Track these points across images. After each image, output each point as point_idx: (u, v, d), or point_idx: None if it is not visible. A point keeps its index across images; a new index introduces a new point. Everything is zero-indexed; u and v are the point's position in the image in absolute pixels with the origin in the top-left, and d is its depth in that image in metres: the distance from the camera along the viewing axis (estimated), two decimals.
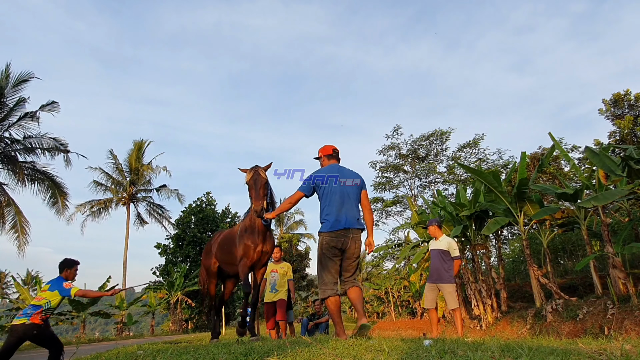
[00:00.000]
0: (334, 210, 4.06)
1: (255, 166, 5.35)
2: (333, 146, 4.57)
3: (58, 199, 19.54)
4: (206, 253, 6.90)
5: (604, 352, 2.60)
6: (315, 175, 4.29)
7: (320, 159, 4.59)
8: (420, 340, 3.84)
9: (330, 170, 4.32)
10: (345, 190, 4.17)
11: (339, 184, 4.17)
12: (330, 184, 4.17)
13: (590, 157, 9.81)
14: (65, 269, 5.16)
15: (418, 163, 26.79)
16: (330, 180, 4.18)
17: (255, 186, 5.13)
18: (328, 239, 4.04)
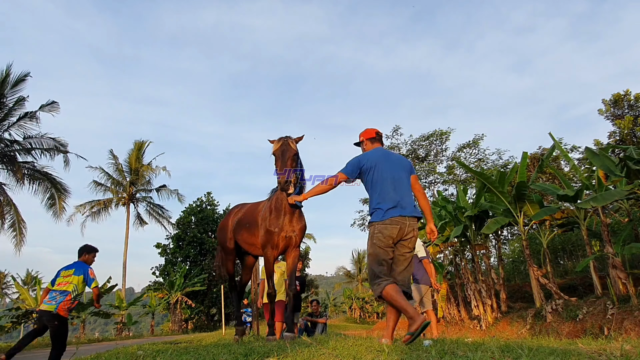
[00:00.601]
0: (387, 197, 3.63)
1: (286, 136, 4.85)
2: (376, 129, 4.15)
3: (56, 200, 19.52)
4: (221, 229, 6.38)
5: (603, 352, 2.60)
6: (362, 159, 3.84)
7: (361, 143, 4.16)
8: (420, 341, 3.85)
9: (377, 155, 3.86)
10: (396, 175, 3.73)
11: (389, 168, 3.74)
12: (379, 169, 3.73)
13: (590, 157, 9.82)
14: (84, 254, 5.46)
15: (418, 163, 26.78)
16: (379, 165, 3.75)
17: (283, 157, 4.62)
18: (381, 227, 3.57)
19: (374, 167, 3.73)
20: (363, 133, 4.15)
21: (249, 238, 5.55)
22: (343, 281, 61.93)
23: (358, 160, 3.84)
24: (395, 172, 3.73)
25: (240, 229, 5.77)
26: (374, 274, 3.54)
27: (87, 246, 5.56)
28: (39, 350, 12.36)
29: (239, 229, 5.83)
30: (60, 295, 5.09)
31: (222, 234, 6.27)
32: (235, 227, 5.92)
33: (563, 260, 17.10)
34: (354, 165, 3.81)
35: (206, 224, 32.99)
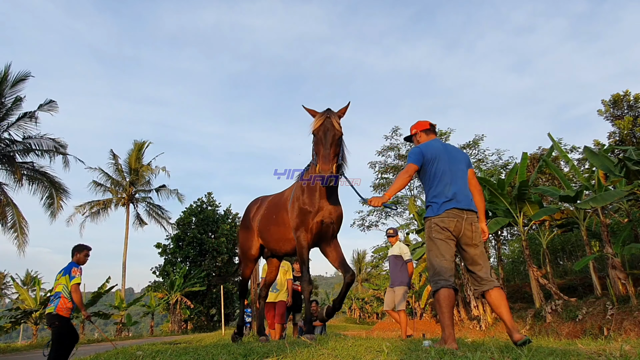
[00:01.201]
0: (444, 191, 3.44)
1: (328, 110, 4.03)
2: (429, 121, 3.89)
3: (54, 199, 19.50)
4: (244, 228, 5.47)
5: (603, 353, 2.60)
6: (424, 149, 3.60)
7: (415, 136, 3.90)
8: (420, 341, 3.84)
9: (437, 146, 3.64)
10: (454, 167, 3.53)
11: (448, 161, 3.54)
12: (439, 161, 3.52)
13: (589, 157, 9.83)
14: (75, 253, 5.48)
15: None
16: (440, 157, 3.54)
17: (325, 139, 3.84)
18: (437, 220, 3.39)
19: (435, 159, 3.52)
20: (416, 125, 3.91)
21: (278, 231, 4.75)
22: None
23: (420, 150, 3.60)
24: (454, 165, 3.54)
25: (267, 225, 4.95)
26: (434, 270, 3.36)
27: (77, 245, 5.57)
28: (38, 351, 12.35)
29: (265, 225, 5.01)
30: (55, 297, 5.19)
31: (245, 233, 5.40)
32: (260, 225, 5.10)
33: (563, 260, 17.10)
34: (418, 155, 3.56)
35: (206, 224, 32.98)
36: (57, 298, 5.17)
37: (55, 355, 5.06)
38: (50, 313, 5.13)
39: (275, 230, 4.79)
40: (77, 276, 5.24)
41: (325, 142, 3.82)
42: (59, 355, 5.09)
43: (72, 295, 5.20)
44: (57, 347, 5.12)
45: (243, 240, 5.40)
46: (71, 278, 5.24)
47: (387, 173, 27.45)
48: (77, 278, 5.23)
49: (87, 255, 5.57)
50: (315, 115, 4.01)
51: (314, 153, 3.98)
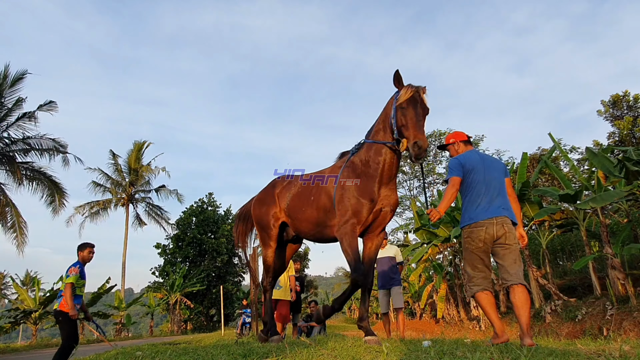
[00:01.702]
0: (477, 201, 3.60)
1: (416, 87, 3.64)
2: (466, 132, 4.05)
3: (55, 197, 19.50)
4: (262, 202, 4.97)
5: (602, 353, 2.60)
6: (463, 160, 3.71)
7: (452, 145, 4.00)
8: (419, 341, 3.84)
9: (475, 157, 3.76)
10: (489, 177, 3.65)
11: (484, 171, 3.66)
12: (476, 172, 3.65)
13: (590, 157, 9.83)
14: (78, 252, 5.62)
15: (417, 164, 26.80)
16: (476, 168, 3.66)
17: (417, 111, 3.51)
18: (468, 231, 3.59)
19: (472, 170, 3.66)
20: (454, 135, 4.03)
21: (314, 215, 4.24)
22: (342, 282, 61.88)
23: (459, 161, 3.71)
24: (489, 174, 3.67)
25: (302, 206, 4.41)
26: (468, 277, 3.67)
27: (80, 244, 5.70)
28: (37, 352, 12.35)
29: (297, 205, 4.47)
30: (59, 295, 5.43)
31: (265, 212, 4.82)
32: (291, 203, 4.57)
33: (562, 261, 17.10)
34: (457, 166, 3.68)
35: (206, 225, 32.96)
36: (60, 296, 5.39)
37: (62, 349, 5.21)
38: (55, 309, 5.40)
39: (310, 213, 4.29)
40: (72, 275, 5.34)
41: (418, 113, 3.49)
42: (64, 348, 5.22)
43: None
44: (63, 345, 5.26)
45: (262, 214, 4.86)
46: (67, 277, 5.37)
47: None
48: (70, 277, 5.33)
49: (91, 252, 5.69)
50: (402, 86, 3.71)
51: (399, 125, 3.56)
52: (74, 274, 5.37)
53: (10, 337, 33.38)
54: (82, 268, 5.55)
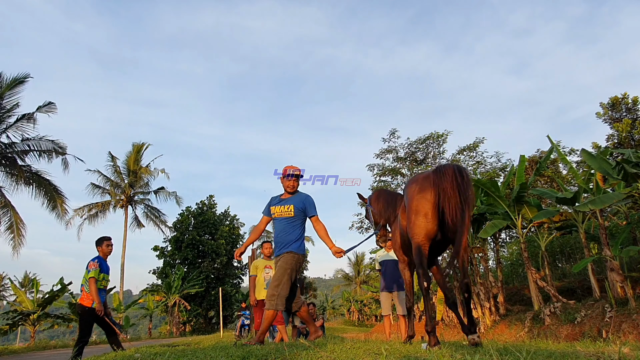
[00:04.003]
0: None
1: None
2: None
3: (57, 202, 19.47)
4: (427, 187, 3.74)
5: (601, 355, 2.60)
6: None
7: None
8: (419, 343, 3.84)
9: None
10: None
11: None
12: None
13: (587, 159, 9.85)
14: (97, 247, 5.79)
15: (416, 166, 26.80)
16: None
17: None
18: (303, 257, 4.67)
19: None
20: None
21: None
22: (341, 284, 61.94)
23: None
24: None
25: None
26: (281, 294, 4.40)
27: (97, 239, 5.85)
28: (38, 353, 12.32)
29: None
30: (82, 290, 5.63)
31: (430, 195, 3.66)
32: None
33: (561, 263, 17.11)
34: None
35: (205, 226, 32.92)
36: (81, 291, 5.59)
37: (78, 342, 5.39)
38: (76, 302, 5.97)
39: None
40: (92, 270, 5.49)
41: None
42: (81, 339, 5.41)
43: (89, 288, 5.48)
44: (79, 338, 5.46)
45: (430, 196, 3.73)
46: (88, 272, 5.52)
47: (385, 176, 27.43)
48: (91, 272, 5.47)
49: (109, 245, 5.85)
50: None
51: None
52: (93, 268, 5.51)
53: (8, 339, 33.29)
54: (102, 262, 5.73)
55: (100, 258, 5.69)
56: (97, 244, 5.82)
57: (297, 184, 4.71)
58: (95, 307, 5.43)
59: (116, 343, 5.68)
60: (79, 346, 5.37)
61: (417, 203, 3.65)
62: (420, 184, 3.73)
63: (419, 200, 3.63)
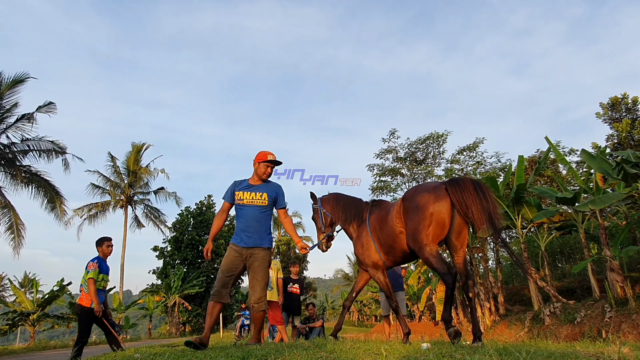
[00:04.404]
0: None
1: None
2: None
3: (56, 203, 19.46)
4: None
5: (601, 355, 2.60)
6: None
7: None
8: (418, 344, 3.84)
9: None
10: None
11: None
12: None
13: (587, 160, 9.85)
14: (97, 248, 5.80)
15: (415, 166, 26.80)
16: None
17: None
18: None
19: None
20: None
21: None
22: (341, 284, 61.91)
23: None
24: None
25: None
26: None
27: (97, 240, 5.86)
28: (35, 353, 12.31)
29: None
30: (81, 291, 5.66)
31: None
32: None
33: (561, 263, 17.11)
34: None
35: (205, 226, 32.91)
36: (81, 291, 5.60)
37: (77, 342, 5.41)
38: (75, 302, 5.79)
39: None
40: (91, 270, 5.48)
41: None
42: (80, 339, 5.43)
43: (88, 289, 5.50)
44: (79, 334, 5.48)
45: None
46: (87, 272, 5.52)
47: (385, 176, 27.43)
48: (90, 273, 5.47)
49: (109, 245, 5.85)
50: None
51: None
52: (93, 269, 5.51)
53: (7, 339, 33.27)
54: (102, 262, 5.73)
55: (99, 258, 5.69)
56: (98, 244, 5.82)
57: (271, 172, 4.38)
58: (93, 307, 5.44)
59: (115, 343, 5.68)
60: (78, 346, 5.37)
61: (434, 212, 3.90)
62: (435, 193, 3.98)
63: (438, 209, 3.90)
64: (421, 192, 4.12)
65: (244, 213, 4.23)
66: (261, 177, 4.31)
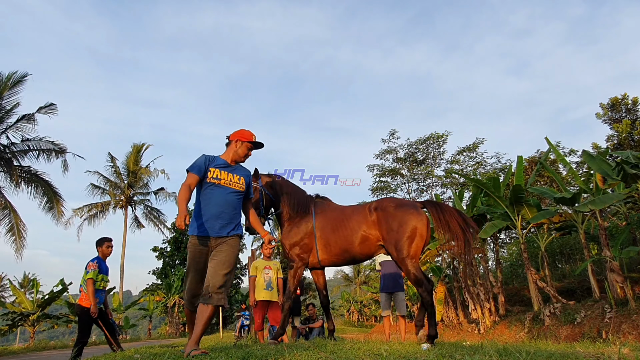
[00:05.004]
0: None
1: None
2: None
3: (54, 204, 19.46)
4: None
5: (601, 356, 2.60)
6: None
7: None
8: (418, 344, 3.84)
9: None
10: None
11: None
12: None
13: (588, 160, 9.85)
14: (97, 247, 5.81)
15: (415, 167, 26.80)
16: None
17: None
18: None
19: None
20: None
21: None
22: (341, 284, 61.84)
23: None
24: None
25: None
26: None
27: (97, 240, 5.87)
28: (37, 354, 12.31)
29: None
30: (80, 291, 5.67)
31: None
32: None
33: (561, 263, 17.10)
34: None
35: None
36: (80, 292, 5.62)
37: (77, 342, 5.42)
38: (76, 304, 5.69)
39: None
40: (91, 271, 5.50)
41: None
42: (80, 339, 5.44)
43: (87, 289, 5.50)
44: (79, 334, 5.49)
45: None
46: (86, 273, 5.53)
47: (385, 176, 27.44)
48: (90, 273, 5.48)
49: (109, 246, 5.86)
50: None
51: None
52: (92, 269, 5.52)
53: (7, 339, 33.27)
54: (102, 263, 5.75)
55: (99, 259, 5.70)
56: (98, 245, 5.82)
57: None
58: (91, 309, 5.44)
59: (115, 343, 5.68)
60: (78, 347, 5.38)
61: (418, 227, 4.20)
62: (418, 211, 4.33)
63: (421, 226, 4.21)
64: (404, 207, 4.36)
65: (216, 195, 3.59)
66: (240, 159, 3.82)
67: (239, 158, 3.80)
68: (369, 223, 4.40)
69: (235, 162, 3.80)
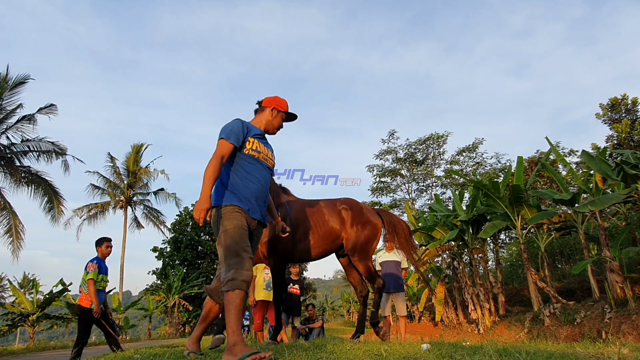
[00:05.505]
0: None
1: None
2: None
3: (54, 204, 19.45)
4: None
5: (601, 356, 2.60)
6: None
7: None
8: (418, 344, 3.84)
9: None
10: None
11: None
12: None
13: (587, 161, 9.85)
14: (97, 248, 5.82)
15: (415, 167, 26.82)
16: None
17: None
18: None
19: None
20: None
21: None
22: (341, 285, 61.80)
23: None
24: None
25: None
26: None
27: (97, 240, 5.88)
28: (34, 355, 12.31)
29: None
30: (80, 291, 5.69)
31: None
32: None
33: (561, 264, 17.10)
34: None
35: (204, 227, 32.91)
36: (80, 292, 5.64)
37: (77, 342, 5.43)
38: (76, 304, 5.78)
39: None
40: (91, 271, 5.51)
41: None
42: (80, 340, 5.45)
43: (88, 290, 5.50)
44: (79, 335, 5.49)
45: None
46: (86, 273, 5.54)
47: (385, 177, 27.47)
48: (90, 273, 5.49)
49: (109, 246, 5.86)
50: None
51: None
52: (92, 269, 5.53)
53: (7, 339, 33.25)
54: (101, 263, 5.77)
55: (99, 259, 5.71)
56: (97, 245, 5.83)
57: None
58: (93, 308, 5.44)
59: (115, 344, 5.68)
60: (78, 347, 5.38)
61: (379, 231, 4.79)
62: (376, 216, 4.90)
63: (380, 229, 4.82)
64: (369, 211, 4.87)
65: (256, 171, 2.89)
66: (273, 130, 3.24)
67: (273, 130, 3.21)
68: (341, 221, 4.80)
69: (267, 133, 3.21)
